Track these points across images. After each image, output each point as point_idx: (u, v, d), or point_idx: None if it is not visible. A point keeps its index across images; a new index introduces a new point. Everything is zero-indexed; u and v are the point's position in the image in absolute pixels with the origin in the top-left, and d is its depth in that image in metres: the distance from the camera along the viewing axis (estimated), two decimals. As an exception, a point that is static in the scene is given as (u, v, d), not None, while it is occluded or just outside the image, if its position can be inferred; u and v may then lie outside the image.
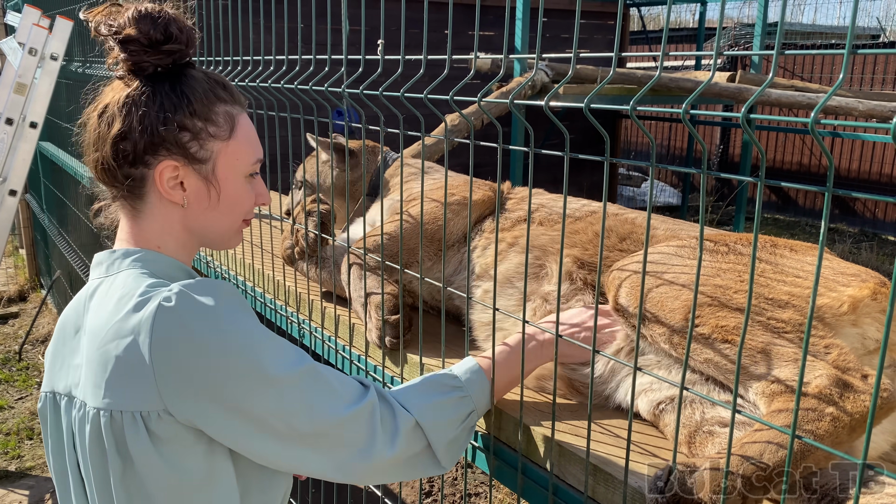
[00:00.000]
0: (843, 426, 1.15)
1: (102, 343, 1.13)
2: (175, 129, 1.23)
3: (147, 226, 1.28)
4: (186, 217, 1.29)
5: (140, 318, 1.11)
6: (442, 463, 1.31)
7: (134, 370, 1.10)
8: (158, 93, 1.23)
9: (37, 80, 4.22)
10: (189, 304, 1.12)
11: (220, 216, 1.32)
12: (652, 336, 1.43)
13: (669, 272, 1.47)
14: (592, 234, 1.77)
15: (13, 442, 4.92)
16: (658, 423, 1.46)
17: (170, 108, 1.23)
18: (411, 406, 1.28)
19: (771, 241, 1.57)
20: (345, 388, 1.23)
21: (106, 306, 1.17)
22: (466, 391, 1.35)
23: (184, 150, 1.24)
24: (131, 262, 1.24)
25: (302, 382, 1.18)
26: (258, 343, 1.15)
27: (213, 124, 1.26)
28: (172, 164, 1.24)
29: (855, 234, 10.85)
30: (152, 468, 1.14)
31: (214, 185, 1.28)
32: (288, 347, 1.21)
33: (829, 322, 1.34)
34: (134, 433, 1.12)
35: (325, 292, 2.27)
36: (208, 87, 1.27)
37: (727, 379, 1.34)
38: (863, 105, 5.81)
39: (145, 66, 1.24)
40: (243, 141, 1.31)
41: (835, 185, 6.64)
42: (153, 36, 1.22)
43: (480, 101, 1.34)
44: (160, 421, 1.12)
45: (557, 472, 1.41)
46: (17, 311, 7.38)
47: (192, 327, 1.10)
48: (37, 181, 7.42)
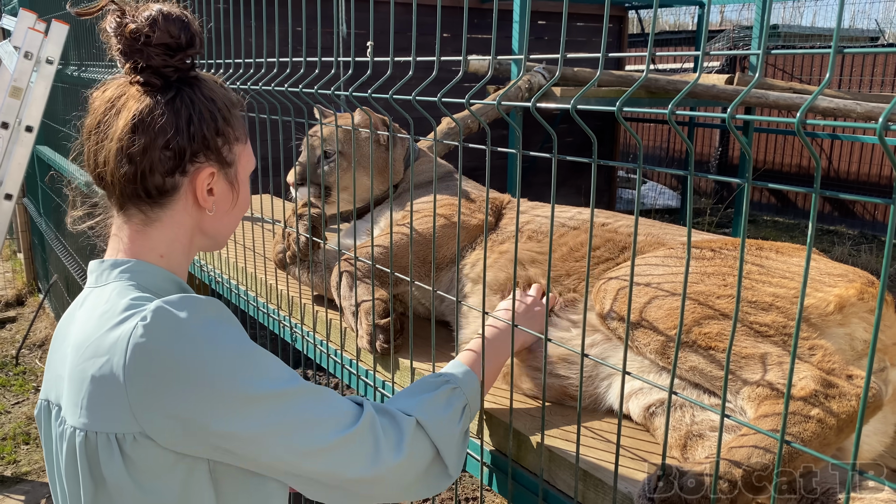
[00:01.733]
0: (829, 427, 1.14)
1: (81, 360, 1.10)
2: (214, 134, 1.21)
3: (157, 234, 1.23)
4: (204, 222, 1.26)
5: (116, 337, 1.07)
6: (450, 470, 1.27)
7: (108, 391, 1.06)
8: (194, 98, 1.20)
9: (32, 84, 4.21)
10: (166, 321, 1.06)
11: (233, 218, 1.32)
12: (638, 347, 1.42)
13: (654, 282, 1.47)
14: (568, 249, 1.79)
15: (9, 447, 4.90)
16: (649, 425, 1.45)
17: (206, 113, 1.20)
18: (408, 408, 1.25)
19: (756, 243, 1.56)
20: (339, 408, 1.17)
21: (90, 320, 1.14)
22: (455, 382, 1.33)
23: (218, 155, 1.23)
24: (119, 274, 1.19)
25: (291, 401, 1.12)
26: (240, 361, 1.09)
27: (237, 128, 1.27)
28: (210, 171, 1.23)
29: (854, 236, 10.83)
30: (125, 492, 1.09)
31: (236, 187, 1.28)
32: (275, 366, 1.15)
33: (815, 323, 1.33)
34: (108, 455, 1.08)
35: (317, 296, 2.26)
36: (222, 90, 1.26)
37: (713, 385, 1.33)
38: (861, 107, 5.80)
39: (168, 71, 1.19)
40: (250, 143, 1.33)
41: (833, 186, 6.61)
42: (182, 39, 1.18)
43: (468, 103, 1.33)
44: (135, 444, 1.07)
45: (547, 478, 1.39)
46: (14, 316, 7.37)
47: (167, 346, 1.05)
48: (34, 185, 7.42)
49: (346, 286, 1.96)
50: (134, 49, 1.17)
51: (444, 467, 1.26)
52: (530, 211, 2.08)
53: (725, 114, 0.92)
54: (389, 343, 1.79)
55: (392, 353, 1.80)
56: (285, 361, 1.22)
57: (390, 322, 1.79)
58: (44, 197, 7.12)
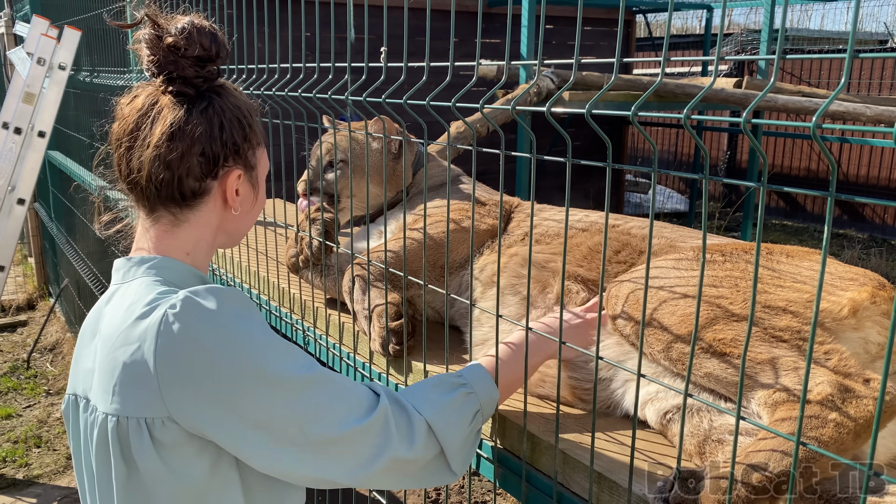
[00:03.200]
0: (847, 432, 1.14)
1: (112, 349, 1.15)
2: (242, 140, 1.29)
3: (185, 234, 1.29)
4: (228, 221, 1.34)
5: (146, 325, 1.12)
6: (453, 468, 1.31)
7: (139, 377, 1.11)
8: (224, 106, 1.27)
9: (45, 90, 4.24)
10: (194, 310, 1.12)
11: (252, 217, 1.39)
12: (651, 354, 1.42)
13: (667, 287, 1.47)
14: (587, 249, 1.79)
15: (21, 450, 4.93)
16: (666, 432, 1.45)
17: (235, 120, 1.28)
18: (421, 407, 1.28)
19: (767, 247, 1.56)
20: (357, 396, 1.22)
21: (118, 313, 1.19)
22: (471, 388, 1.35)
23: (245, 158, 1.31)
24: (146, 270, 1.25)
25: (312, 388, 1.17)
26: (265, 348, 1.15)
27: (258, 133, 1.35)
28: (238, 173, 1.30)
29: (864, 239, 10.79)
30: (156, 475, 1.14)
31: (257, 188, 1.36)
32: (297, 353, 1.20)
33: (830, 327, 1.33)
34: (138, 439, 1.13)
35: (330, 299, 2.28)
36: (245, 99, 1.34)
37: (729, 391, 1.33)
38: (870, 110, 5.78)
39: (198, 81, 1.26)
40: (264, 146, 1.40)
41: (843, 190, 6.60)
42: (212, 51, 1.25)
43: (482, 107, 1.33)
44: (164, 428, 1.12)
45: (562, 480, 1.40)
46: (25, 320, 7.41)
47: (196, 334, 1.11)
48: (45, 190, 7.47)
49: (358, 290, 1.97)
50: (168, 61, 1.23)
51: (448, 465, 1.30)
52: (539, 214, 2.08)
53: (735, 117, 0.93)
54: (402, 345, 1.79)
55: (405, 356, 1.81)
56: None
57: (402, 325, 1.80)
58: (55, 201, 7.16)
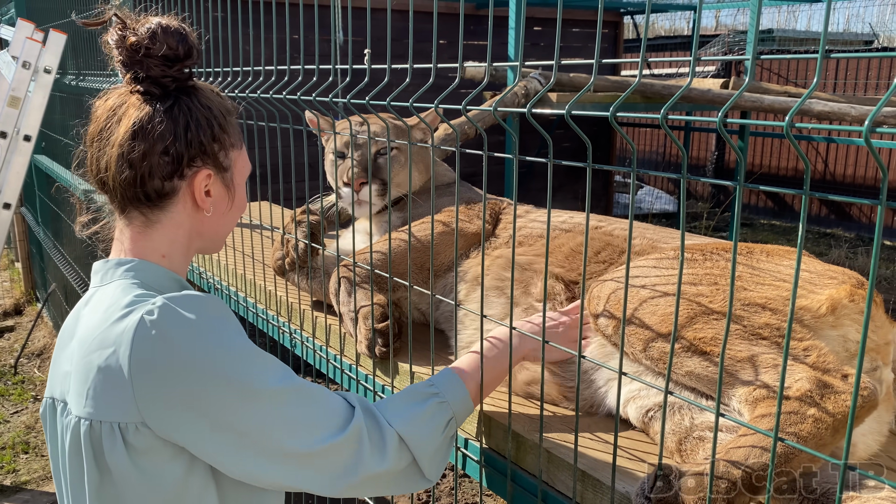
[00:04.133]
0: (825, 427, 1.15)
1: (87, 352, 1.14)
2: (211, 140, 1.27)
3: (158, 235, 1.28)
4: (202, 224, 1.32)
5: (122, 329, 1.11)
6: (427, 475, 1.31)
7: (113, 381, 1.10)
8: (191, 106, 1.26)
9: (31, 94, 4.22)
10: (171, 317, 1.11)
11: (229, 220, 1.38)
12: (633, 353, 1.43)
13: (648, 286, 1.48)
14: (568, 250, 1.80)
15: (8, 456, 4.90)
16: (648, 430, 1.46)
17: (203, 120, 1.27)
18: (393, 420, 1.28)
19: (747, 247, 1.57)
20: (332, 410, 1.21)
21: (95, 315, 1.18)
22: (443, 397, 1.35)
23: (215, 159, 1.29)
24: (123, 273, 1.24)
25: (287, 400, 1.17)
26: (241, 358, 1.14)
27: (231, 134, 1.33)
28: (206, 173, 1.29)
29: (851, 239, 10.86)
30: (129, 480, 1.13)
31: (231, 190, 1.35)
32: (274, 364, 1.19)
33: (809, 324, 1.34)
34: (111, 444, 1.12)
35: (316, 302, 2.28)
36: (219, 99, 1.33)
37: (710, 389, 1.34)
38: (855, 110, 5.83)
39: (167, 81, 1.25)
40: (245, 149, 1.39)
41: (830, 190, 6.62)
42: (179, 51, 1.24)
43: (465, 109, 1.34)
44: (137, 433, 1.11)
45: (546, 479, 1.41)
46: (12, 325, 7.36)
47: (172, 341, 1.10)
48: (32, 194, 7.42)
49: (344, 292, 1.97)
50: (134, 60, 1.23)
51: (421, 473, 1.30)
52: (525, 216, 2.09)
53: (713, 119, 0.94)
54: (388, 347, 1.80)
55: (391, 357, 1.81)
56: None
57: (389, 326, 1.80)
58: (42, 206, 7.13)
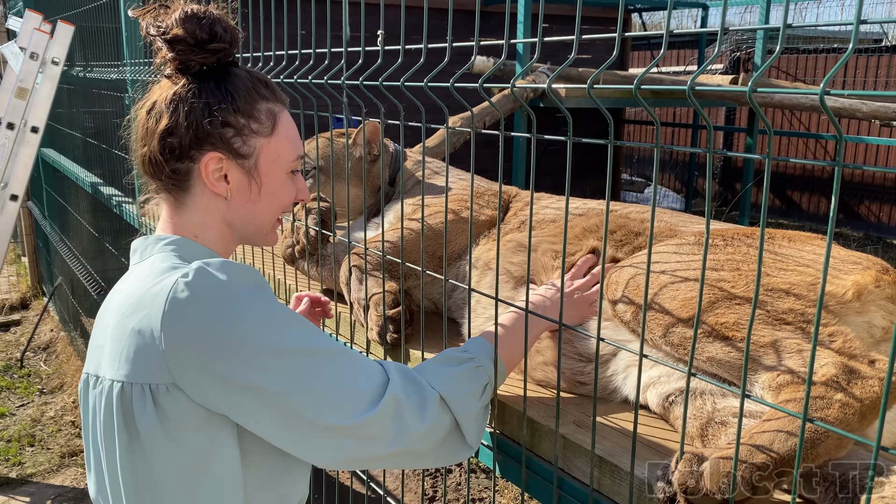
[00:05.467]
0: (853, 412, 1.12)
1: (123, 317, 1.16)
2: (219, 125, 1.27)
3: (188, 216, 1.31)
4: (228, 210, 1.32)
5: (157, 292, 1.13)
6: (468, 440, 1.30)
7: (146, 342, 1.12)
8: (204, 90, 1.27)
9: (38, 85, 4.22)
10: (205, 279, 1.13)
11: (261, 210, 1.35)
12: (653, 339, 1.40)
13: (668, 272, 1.45)
14: (581, 230, 1.78)
15: (14, 449, 4.89)
16: (668, 416, 1.43)
17: (214, 104, 1.27)
18: (433, 381, 1.27)
19: (769, 232, 1.55)
20: (369, 377, 1.20)
21: (133, 285, 1.21)
22: (478, 361, 1.34)
23: (228, 144, 1.28)
24: (163, 247, 1.27)
25: (323, 362, 1.17)
26: (274, 320, 1.15)
27: (256, 121, 1.30)
28: (217, 156, 1.28)
29: (860, 238, 10.80)
30: (156, 442, 1.14)
31: (256, 179, 1.32)
32: (309, 327, 1.20)
33: (834, 310, 1.31)
34: (142, 406, 1.13)
35: (326, 290, 2.25)
36: (251, 85, 1.31)
37: (732, 375, 1.31)
38: (866, 106, 5.79)
39: (191, 64, 1.27)
40: (284, 138, 1.35)
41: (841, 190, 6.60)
42: (199, 35, 1.26)
43: (482, 86, 1.32)
44: (168, 395, 1.12)
45: (562, 465, 1.38)
46: (19, 319, 7.37)
47: (204, 302, 1.11)
48: (38, 188, 7.42)
49: (355, 280, 1.95)
50: (160, 45, 1.28)
51: (463, 438, 1.29)
52: (536, 202, 2.07)
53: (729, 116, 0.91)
54: (400, 334, 1.77)
55: (402, 345, 1.79)
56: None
57: (400, 313, 1.78)
58: (48, 200, 7.12)
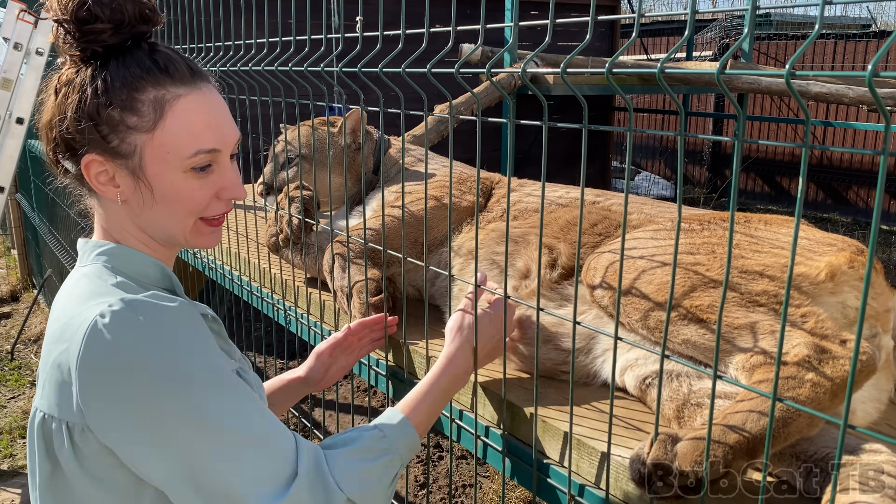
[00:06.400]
0: (824, 391, 1.14)
1: (50, 342, 1.09)
2: (88, 121, 1.09)
3: (107, 221, 1.19)
4: (135, 216, 1.16)
5: (77, 325, 1.04)
6: None
7: (63, 379, 1.04)
8: (81, 80, 1.10)
9: (23, 76, 4.19)
10: (124, 322, 1.01)
11: (163, 216, 1.16)
12: (629, 323, 1.41)
13: (645, 257, 1.46)
14: (564, 222, 1.78)
15: (5, 441, 4.89)
16: (645, 398, 1.44)
17: (85, 97, 1.09)
18: (343, 482, 1.11)
19: (745, 216, 1.56)
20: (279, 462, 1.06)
21: (66, 304, 1.11)
22: (395, 452, 1.21)
23: (104, 144, 1.10)
24: (96, 257, 1.16)
25: (232, 440, 1.03)
26: (188, 380, 1.02)
27: (134, 114, 1.09)
28: (93, 159, 1.11)
29: (848, 223, 10.86)
30: (77, 479, 1.07)
31: (143, 181, 1.12)
32: (234, 391, 1.07)
33: (807, 290, 1.32)
34: (60, 442, 1.06)
35: (310, 278, 2.26)
36: (140, 72, 1.10)
37: (707, 357, 1.33)
38: (853, 91, 5.81)
39: (83, 48, 1.10)
40: (176, 131, 1.11)
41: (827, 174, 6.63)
42: (78, 15, 1.08)
43: (458, 71, 1.32)
44: (83, 435, 1.04)
45: (541, 448, 1.39)
46: (9, 312, 7.34)
47: (119, 349, 1.00)
48: (27, 180, 7.39)
49: (338, 268, 1.95)
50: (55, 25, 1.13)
51: None
52: (519, 189, 2.07)
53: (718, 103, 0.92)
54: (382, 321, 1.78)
55: (385, 332, 1.80)
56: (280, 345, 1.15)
57: (383, 300, 1.78)
58: (37, 192, 7.09)
